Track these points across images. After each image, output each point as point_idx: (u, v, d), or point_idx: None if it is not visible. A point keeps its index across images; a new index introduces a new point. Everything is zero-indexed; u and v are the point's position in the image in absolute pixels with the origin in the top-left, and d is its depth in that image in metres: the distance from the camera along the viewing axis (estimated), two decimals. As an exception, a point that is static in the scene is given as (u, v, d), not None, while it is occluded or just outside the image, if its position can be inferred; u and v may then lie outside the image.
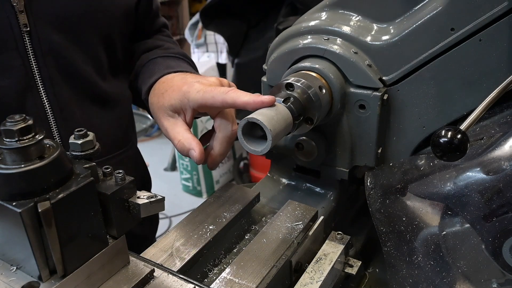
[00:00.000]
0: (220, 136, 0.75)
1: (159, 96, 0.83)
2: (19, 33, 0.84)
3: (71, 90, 0.93)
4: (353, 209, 0.98)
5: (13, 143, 0.46)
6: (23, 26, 0.84)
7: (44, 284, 0.50)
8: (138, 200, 0.55)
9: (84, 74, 0.94)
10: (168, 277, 0.58)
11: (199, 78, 0.81)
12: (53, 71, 0.89)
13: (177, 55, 1.03)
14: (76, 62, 0.92)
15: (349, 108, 0.78)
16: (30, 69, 0.87)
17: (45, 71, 0.88)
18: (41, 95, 0.89)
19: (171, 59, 1.01)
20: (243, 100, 0.68)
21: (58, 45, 0.88)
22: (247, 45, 2.96)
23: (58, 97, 0.90)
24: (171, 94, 0.79)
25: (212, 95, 0.71)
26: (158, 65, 0.97)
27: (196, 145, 0.74)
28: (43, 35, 0.86)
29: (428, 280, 0.68)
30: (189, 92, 0.75)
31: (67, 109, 0.92)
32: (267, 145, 0.63)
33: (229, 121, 0.74)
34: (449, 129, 0.59)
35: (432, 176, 0.71)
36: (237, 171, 3.60)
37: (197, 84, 0.76)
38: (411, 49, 0.74)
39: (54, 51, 0.88)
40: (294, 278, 0.69)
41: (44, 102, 0.90)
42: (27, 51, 0.85)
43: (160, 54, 1.03)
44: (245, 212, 0.77)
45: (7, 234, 0.49)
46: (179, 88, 0.78)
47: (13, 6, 0.82)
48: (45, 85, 0.89)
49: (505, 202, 0.62)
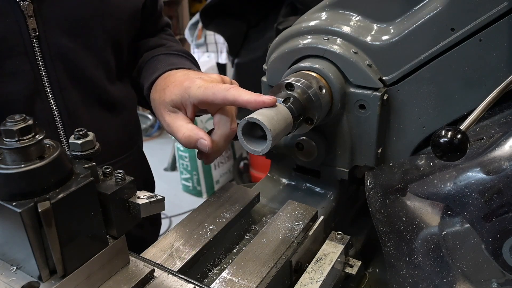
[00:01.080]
0: (218, 133, 0.75)
1: (161, 91, 0.83)
2: (28, 38, 0.84)
3: (79, 94, 0.92)
4: (353, 209, 0.98)
5: (13, 143, 0.46)
6: (32, 31, 0.84)
7: (44, 284, 0.50)
8: (138, 200, 0.55)
9: (92, 78, 0.93)
10: (168, 277, 0.58)
11: (201, 75, 0.81)
12: (62, 75, 0.89)
13: (180, 53, 1.03)
14: (84, 66, 0.91)
15: (349, 108, 0.78)
16: (39, 73, 0.86)
17: (54, 76, 0.88)
18: (49, 99, 0.89)
19: (174, 56, 1.01)
20: (245, 98, 0.68)
21: (67, 49, 0.88)
22: (247, 45, 2.96)
23: (66, 101, 0.90)
24: (173, 89, 0.79)
25: (213, 92, 0.71)
26: (160, 62, 0.97)
27: (204, 134, 0.74)
28: (52, 39, 0.86)
29: (428, 280, 0.68)
30: (190, 87, 0.75)
31: (75, 113, 0.92)
32: (267, 145, 0.63)
33: (228, 118, 0.74)
34: (449, 129, 0.59)
35: (432, 176, 0.71)
36: (237, 171, 3.59)
37: (198, 80, 0.76)
38: (411, 49, 0.74)
39: (62, 55, 0.88)
40: (294, 278, 0.69)
41: (52, 106, 0.89)
42: (35, 55, 0.85)
43: (163, 51, 1.03)
44: (245, 212, 0.77)
45: (7, 234, 0.49)
46: (181, 83, 0.78)
47: (23, 11, 0.82)
48: (53, 90, 0.88)
49: (505, 202, 0.62)
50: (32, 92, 0.86)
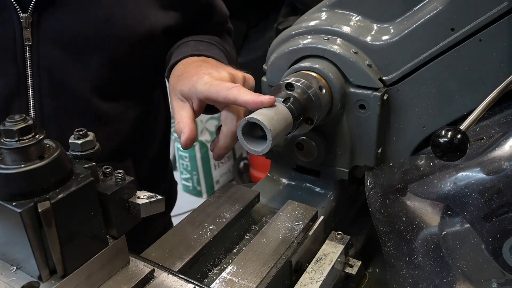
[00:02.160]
0: (225, 129, 0.75)
1: (176, 78, 0.84)
2: (21, 46, 0.88)
3: (58, 104, 0.93)
4: (353, 209, 0.98)
5: (13, 143, 0.46)
6: (26, 41, 0.87)
7: (44, 284, 0.50)
8: (138, 200, 0.56)
9: (78, 91, 0.94)
10: (168, 277, 0.58)
11: (212, 70, 0.80)
12: (45, 83, 0.91)
13: (211, 41, 1.02)
14: (71, 79, 0.93)
15: (349, 108, 0.78)
16: (25, 77, 0.90)
17: (37, 82, 0.90)
18: (29, 103, 0.91)
19: (203, 43, 1.00)
20: (244, 98, 0.68)
21: (57, 60, 0.90)
22: (247, 45, 2.96)
23: (44, 107, 0.92)
24: (183, 80, 0.80)
25: (217, 90, 0.72)
26: (188, 48, 0.96)
27: (188, 130, 0.74)
28: (44, 50, 0.89)
29: (428, 280, 0.68)
30: (197, 83, 0.76)
31: (49, 119, 0.93)
32: (267, 145, 0.63)
33: (234, 116, 0.74)
34: (449, 129, 0.59)
35: (432, 176, 0.71)
36: (237, 171, 3.59)
37: (206, 76, 0.76)
38: (411, 49, 0.74)
39: (51, 65, 0.90)
40: (294, 278, 0.69)
41: (30, 110, 0.92)
42: (25, 62, 0.89)
43: (194, 38, 1.02)
44: (245, 212, 0.77)
45: (7, 234, 0.49)
46: (191, 76, 0.79)
47: (21, 22, 0.86)
48: (34, 94, 0.91)
49: (505, 202, 0.62)
50: (13, 92, 0.90)
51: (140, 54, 0.99)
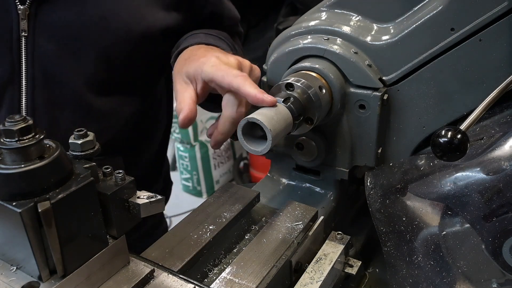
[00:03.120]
0: (224, 114, 0.74)
1: (182, 61, 0.84)
2: (17, 36, 0.89)
3: (50, 96, 0.94)
4: (353, 209, 0.98)
5: (13, 143, 0.46)
6: (22, 32, 0.89)
7: (44, 284, 0.50)
8: (138, 200, 0.56)
9: (70, 84, 0.94)
10: (168, 277, 0.58)
11: (221, 54, 0.80)
12: (38, 74, 0.92)
13: (220, 36, 1.01)
14: (64, 72, 0.93)
15: (349, 108, 0.78)
16: (19, 67, 0.91)
17: (31, 73, 0.91)
18: (22, 92, 0.92)
19: (212, 36, 0.99)
20: (247, 90, 0.68)
21: (51, 53, 0.91)
22: (247, 45, 2.95)
23: (35, 98, 0.93)
24: (190, 62, 0.80)
25: (223, 74, 0.72)
26: (197, 38, 0.96)
27: (187, 109, 0.73)
28: (39, 42, 0.90)
29: (428, 280, 0.68)
30: (204, 64, 0.75)
31: (38, 111, 0.94)
32: (267, 145, 0.63)
33: (236, 101, 0.72)
34: (449, 129, 0.59)
35: (432, 176, 0.71)
36: (237, 171, 3.59)
37: (214, 58, 0.76)
38: (411, 49, 0.74)
39: (45, 57, 0.91)
40: (294, 278, 0.69)
41: (22, 99, 0.93)
42: (20, 53, 0.90)
43: (203, 31, 1.02)
44: (245, 212, 0.77)
45: (7, 234, 0.49)
46: (198, 58, 0.79)
47: (18, 13, 0.87)
48: (27, 84, 0.92)
49: (505, 202, 0.62)
50: (6, 81, 0.91)
51: (136, 52, 0.98)
